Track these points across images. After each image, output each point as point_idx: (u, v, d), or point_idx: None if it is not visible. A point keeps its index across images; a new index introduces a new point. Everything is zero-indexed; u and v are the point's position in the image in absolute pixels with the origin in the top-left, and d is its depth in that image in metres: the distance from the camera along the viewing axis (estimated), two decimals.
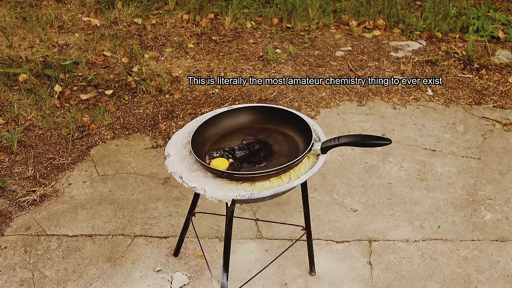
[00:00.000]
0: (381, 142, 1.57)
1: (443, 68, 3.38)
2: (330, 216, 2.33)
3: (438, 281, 2.03)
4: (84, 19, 3.99)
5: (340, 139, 1.61)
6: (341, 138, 1.61)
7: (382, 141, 1.57)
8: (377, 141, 1.57)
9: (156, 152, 2.74)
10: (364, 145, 1.60)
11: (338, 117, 2.96)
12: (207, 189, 1.54)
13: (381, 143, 1.57)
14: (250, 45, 3.68)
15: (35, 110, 3.00)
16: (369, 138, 1.59)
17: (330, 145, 1.62)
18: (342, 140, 1.60)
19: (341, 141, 1.60)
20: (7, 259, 2.15)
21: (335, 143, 1.61)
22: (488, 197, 2.42)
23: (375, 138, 1.58)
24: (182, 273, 2.07)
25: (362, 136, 1.60)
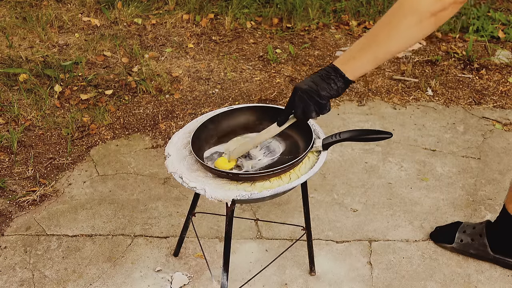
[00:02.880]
0: (382, 136, 1.57)
1: (443, 68, 3.38)
2: (330, 216, 2.33)
3: (438, 281, 2.03)
4: (84, 19, 3.99)
5: (341, 134, 1.61)
6: (342, 133, 1.61)
7: (383, 134, 1.57)
8: (378, 135, 1.58)
9: (156, 152, 2.74)
10: (365, 139, 1.61)
11: (338, 117, 2.97)
12: (207, 189, 1.54)
13: (382, 137, 1.58)
14: (250, 45, 3.68)
15: (35, 110, 3.00)
16: (370, 132, 1.60)
17: (331, 141, 1.62)
18: (343, 135, 1.60)
19: (342, 136, 1.60)
20: (7, 259, 2.15)
21: (336, 139, 1.61)
22: (488, 197, 2.42)
23: (376, 132, 1.59)
24: (182, 273, 2.07)
25: (363, 130, 1.61)
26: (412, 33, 1.35)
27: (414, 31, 1.34)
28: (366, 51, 1.42)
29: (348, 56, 1.46)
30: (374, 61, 1.43)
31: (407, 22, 1.32)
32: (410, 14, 1.31)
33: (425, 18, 1.30)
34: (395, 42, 1.38)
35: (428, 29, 1.34)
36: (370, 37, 1.42)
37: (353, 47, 1.45)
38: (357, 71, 1.46)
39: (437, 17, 1.30)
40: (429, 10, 1.29)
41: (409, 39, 1.37)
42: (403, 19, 1.33)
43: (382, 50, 1.40)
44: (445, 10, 1.30)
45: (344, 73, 1.45)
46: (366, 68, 1.45)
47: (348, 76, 1.46)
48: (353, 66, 1.45)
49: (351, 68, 1.45)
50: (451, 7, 1.30)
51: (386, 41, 1.38)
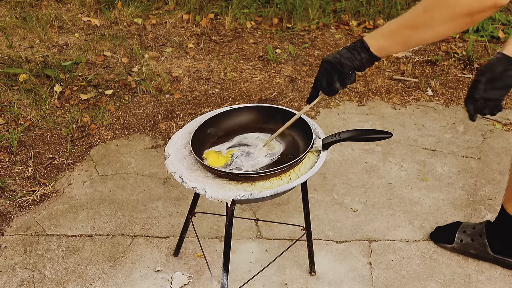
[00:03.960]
0: (382, 136, 1.57)
1: (443, 68, 3.38)
2: (330, 216, 2.33)
3: (438, 281, 2.03)
4: (84, 19, 3.99)
5: (341, 134, 1.61)
6: (342, 133, 1.61)
7: (383, 134, 1.57)
8: (378, 134, 1.58)
9: (156, 152, 2.74)
10: (365, 139, 1.61)
11: (338, 117, 2.97)
12: (207, 189, 1.54)
13: (382, 136, 1.58)
14: (250, 45, 3.68)
15: (35, 110, 3.00)
16: (370, 132, 1.60)
17: (331, 141, 1.62)
18: (343, 135, 1.61)
19: (342, 136, 1.60)
20: (7, 259, 2.15)
21: (336, 139, 1.61)
22: (488, 197, 2.42)
23: (376, 132, 1.59)
24: (182, 273, 2.07)
25: (363, 130, 1.61)
26: (445, 27, 1.34)
27: (447, 26, 1.34)
28: (396, 33, 1.42)
29: (378, 34, 1.46)
30: (402, 45, 1.43)
31: (443, 16, 1.32)
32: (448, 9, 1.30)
33: (461, 17, 1.30)
34: (427, 34, 1.37)
35: (461, 27, 1.34)
36: (403, 20, 1.41)
37: (385, 26, 1.45)
38: (383, 49, 1.45)
39: (473, 17, 1.30)
40: (467, 9, 1.29)
41: (440, 33, 1.37)
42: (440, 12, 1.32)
43: (412, 36, 1.40)
44: (482, 12, 1.29)
45: (369, 47, 1.46)
46: (392, 49, 1.46)
47: (373, 51, 1.46)
48: (380, 43, 1.45)
49: (378, 45, 1.45)
50: (489, 10, 1.29)
51: (417, 29, 1.38)
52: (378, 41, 1.45)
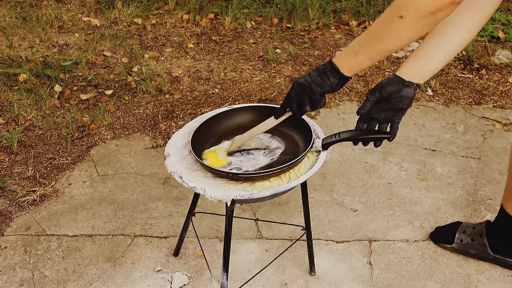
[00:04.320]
0: (381, 136, 1.57)
1: (443, 68, 3.38)
2: (330, 216, 2.33)
3: (438, 281, 2.03)
4: (84, 19, 3.99)
5: (341, 134, 1.61)
6: (342, 133, 1.61)
7: (382, 135, 1.57)
8: (377, 135, 1.58)
9: (156, 152, 2.74)
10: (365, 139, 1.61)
11: (338, 117, 2.97)
12: (207, 189, 1.54)
13: (381, 137, 1.57)
14: (250, 45, 3.68)
15: (35, 110, 3.00)
16: (370, 132, 1.59)
17: (331, 141, 1.62)
18: (343, 135, 1.61)
19: (342, 136, 1.60)
20: (7, 259, 2.15)
21: (336, 139, 1.61)
22: (488, 197, 2.42)
23: (375, 132, 1.58)
24: (182, 273, 2.07)
25: (363, 130, 1.60)
26: (410, 31, 1.34)
27: (412, 30, 1.33)
28: (364, 48, 1.42)
29: (346, 52, 1.46)
30: (371, 59, 1.43)
31: (405, 20, 1.31)
32: (408, 13, 1.30)
33: (423, 17, 1.30)
34: (393, 40, 1.37)
35: (425, 28, 1.33)
36: (369, 34, 1.42)
37: (352, 44, 1.45)
38: (354, 67, 1.46)
39: (436, 16, 1.29)
40: (427, 9, 1.28)
41: (406, 37, 1.36)
42: (401, 18, 1.32)
43: (380, 47, 1.40)
44: (444, 9, 1.28)
45: (339, 69, 1.46)
46: (363, 64, 1.46)
47: (344, 72, 1.46)
48: (350, 62, 1.45)
49: (348, 64, 1.46)
50: (451, 6, 1.29)
51: (383, 38, 1.38)
52: (348, 60, 1.45)
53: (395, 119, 1.56)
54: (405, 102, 1.52)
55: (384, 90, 1.50)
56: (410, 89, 1.49)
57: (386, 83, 1.51)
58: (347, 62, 1.46)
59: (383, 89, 1.50)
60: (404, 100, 1.51)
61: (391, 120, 1.56)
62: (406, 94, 1.50)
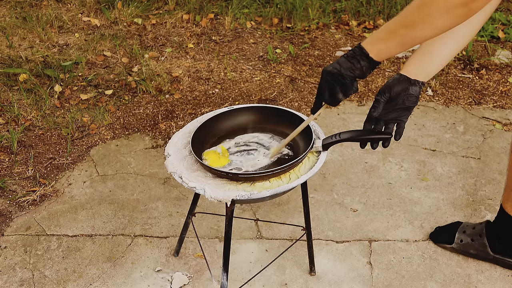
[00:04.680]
0: (382, 137, 1.57)
1: (443, 68, 3.38)
2: (330, 216, 2.33)
3: (438, 281, 2.03)
4: (84, 19, 3.99)
5: (341, 134, 1.61)
6: (342, 134, 1.61)
7: (383, 135, 1.57)
8: (378, 135, 1.58)
9: (156, 152, 2.74)
10: (365, 140, 1.61)
11: (338, 117, 2.97)
12: (207, 189, 1.54)
13: (382, 137, 1.57)
14: (250, 45, 3.68)
15: (35, 110, 3.00)
16: (370, 132, 1.59)
17: (331, 141, 1.62)
18: (343, 135, 1.61)
19: (342, 136, 1.60)
20: (7, 259, 2.15)
21: (336, 139, 1.61)
22: (488, 197, 2.42)
23: (376, 132, 1.58)
24: (182, 273, 2.07)
25: (363, 131, 1.60)
26: (441, 21, 1.30)
27: (443, 20, 1.30)
28: (393, 33, 1.39)
29: (375, 37, 1.43)
30: (401, 45, 1.40)
31: (438, 9, 1.28)
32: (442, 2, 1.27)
33: (456, 7, 1.26)
34: (424, 28, 1.34)
35: (458, 19, 1.29)
36: (399, 20, 1.38)
37: (382, 28, 1.42)
38: (382, 52, 1.42)
39: (469, 7, 1.26)
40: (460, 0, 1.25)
41: (438, 27, 1.33)
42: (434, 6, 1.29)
43: (410, 35, 1.36)
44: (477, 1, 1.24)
45: (368, 53, 1.43)
46: (392, 51, 1.42)
47: (373, 56, 1.43)
48: (379, 47, 1.42)
49: (377, 49, 1.42)
50: None
51: (414, 26, 1.34)
52: (377, 45, 1.43)
53: (403, 118, 1.55)
54: (412, 100, 1.52)
55: (392, 90, 1.50)
56: (416, 87, 1.49)
57: (394, 83, 1.50)
58: (375, 47, 1.42)
59: (392, 89, 1.50)
60: (410, 98, 1.51)
61: (398, 120, 1.56)
62: (412, 92, 1.49)
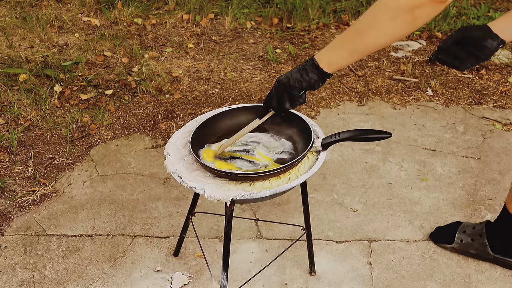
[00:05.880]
0: (381, 136, 1.57)
1: (443, 68, 3.38)
2: (330, 216, 2.33)
3: (438, 281, 2.03)
4: (84, 19, 3.99)
5: (340, 134, 1.61)
6: (342, 133, 1.61)
7: (382, 134, 1.57)
8: (377, 134, 1.58)
9: (156, 152, 2.74)
10: (365, 139, 1.61)
11: (338, 117, 2.97)
12: (206, 189, 1.54)
13: (381, 136, 1.57)
14: (250, 45, 3.68)
15: (35, 110, 3.00)
16: (370, 132, 1.59)
17: (330, 141, 1.62)
18: (343, 135, 1.61)
19: (342, 136, 1.60)
20: (7, 259, 2.15)
21: (335, 139, 1.61)
22: (488, 197, 2.42)
23: (375, 132, 1.58)
24: (182, 273, 2.07)
25: (363, 130, 1.60)
26: (388, 28, 1.32)
27: (390, 27, 1.31)
28: (344, 41, 1.41)
29: (327, 48, 1.45)
30: (351, 53, 1.41)
31: (384, 16, 1.30)
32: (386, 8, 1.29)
33: (401, 14, 1.27)
34: (372, 36, 1.35)
35: (405, 26, 1.30)
36: (351, 27, 1.41)
37: (335, 39, 1.44)
38: (333, 62, 1.44)
39: (415, 14, 1.27)
40: (405, 5, 1.26)
41: (385, 33, 1.34)
42: (380, 13, 1.31)
43: (359, 41, 1.38)
44: (423, 7, 1.25)
45: (318, 64, 1.45)
46: (343, 60, 1.44)
47: (324, 67, 1.45)
48: (331, 58, 1.44)
49: (328, 60, 1.44)
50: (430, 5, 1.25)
51: (363, 32, 1.36)
52: (328, 55, 1.44)
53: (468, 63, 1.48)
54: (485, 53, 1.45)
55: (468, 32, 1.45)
56: (494, 42, 1.43)
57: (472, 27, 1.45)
58: (326, 57, 1.44)
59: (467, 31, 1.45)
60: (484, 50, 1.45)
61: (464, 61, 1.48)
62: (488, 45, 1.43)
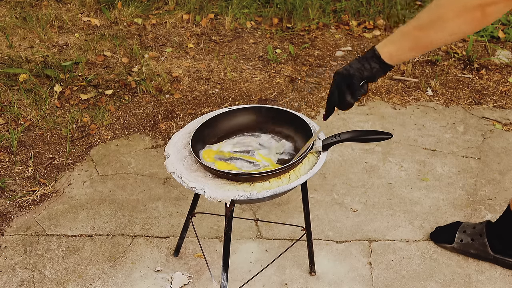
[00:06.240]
0: (382, 137, 1.57)
1: (443, 68, 3.38)
2: (330, 216, 2.33)
3: (438, 281, 2.03)
4: (84, 19, 3.99)
5: (341, 135, 1.61)
6: (342, 134, 1.62)
7: (383, 135, 1.57)
8: (378, 135, 1.58)
9: (156, 152, 2.74)
10: (365, 140, 1.61)
11: (338, 117, 2.97)
12: (207, 189, 1.54)
13: (382, 137, 1.57)
14: (250, 45, 3.68)
15: (35, 110, 3.00)
16: (370, 133, 1.59)
17: (331, 141, 1.62)
18: (343, 136, 1.61)
19: (342, 137, 1.60)
20: (7, 259, 2.15)
21: (336, 140, 1.61)
22: (488, 197, 2.42)
23: (376, 132, 1.58)
24: (182, 273, 2.07)
25: (363, 131, 1.61)
26: (454, 26, 1.26)
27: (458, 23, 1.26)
28: (406, 36, 1.37)
29: (388, 39, 1.41)
30: (412, 49, 1.37)
31: (453, 11, 1.24)
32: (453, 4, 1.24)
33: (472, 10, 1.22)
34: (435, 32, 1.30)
35: (473, 24, 1.25)
36: (413, 22, 1.35)
37: (397, 31, 1.39)
38: (394, 55, 1.40)
39: (485, 11, 1.21)
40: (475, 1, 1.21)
41: (450, 31, 1.28)
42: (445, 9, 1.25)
43: (421, 38, 1.33)
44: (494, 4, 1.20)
45: (380, 54, 1.40)
46: (404, 54, 1.40)
47: (384, 58, 1.40)
48: (391, 50, 1.39)
49: (389, 51, 1.40)
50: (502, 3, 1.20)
51: (426, 28, 1.31)
52: (389, 47, 1.39)
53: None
54: None
55: None
56: None
57: None
58: (387, 50, 1.40)
59: None
60: None
61: None
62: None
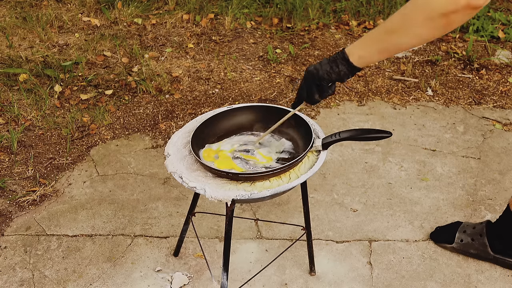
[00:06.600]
0: (381, 135, 1.57)
1: (443, 68, 3.38)
2: (330, 216, 2.33)
3: (438, 281, 2.03)
4: (84, 19, 3.99)
5: (341, 134, 1.61)
6: (342, 133, 1.62)
7: (382, 134, 1.57)
8: (377, 134, 1.58)
9: (156, 152, 2.74)
10: (365, 139, 1.61)
11: (338, 117, 2.97)
12: (207, 189, 1.54)
13: (381, 136, 1.57)
14: (250, 45, 3.68)
15: (35, 110, 3.00)
16: (370, 131, 1.60)
17: (331, 140, 1.62)
18: (343, 135, 1.61)
19: (342, 135, 1.60)
20: (7, 259, 2.15)
21: (336, 138, 1.61)
22: (488, 197, 2.42)
23: (375, 131, 1.59)
24: (182, 273, 2.07)
25: (363, 130, 1.61)
26: (421, 30, 1.31)
27: (423, 29, 1.31)
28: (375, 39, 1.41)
29: (358, 42, 1.45)
30: (382, 51, 1.41)
31: (418, 18, 1.29)
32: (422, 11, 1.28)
33: (436, 18, 1.27)
34: (403, 35, 1.35)
35: (438, 30, 1.30)
36: (383, 25, 1.40)
37: (365, 35, 1.43)
38: (363, 58, 1.44)
39: (449, 19, 1.26)
40: (440, 10, 1.25)
41: (417, 35, 1.33)
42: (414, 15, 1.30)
43: (390, 41, 1.38)
44: (457, 12, 1.25)
45: (348, 57, 1.44)
46: (373, 56, 1.44)
47: (353, 61, 1.44)
48: (360, 53, 1.43)
49: (358, 53, 1.44)
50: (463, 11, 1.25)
51: (395, 32, 1.36)
52: (358, 50, 1.43)
53: None
54: None
55: None
56: None
57: None
58: (356, 52, 1.44)
59: None
60: None
61: None
62: None
